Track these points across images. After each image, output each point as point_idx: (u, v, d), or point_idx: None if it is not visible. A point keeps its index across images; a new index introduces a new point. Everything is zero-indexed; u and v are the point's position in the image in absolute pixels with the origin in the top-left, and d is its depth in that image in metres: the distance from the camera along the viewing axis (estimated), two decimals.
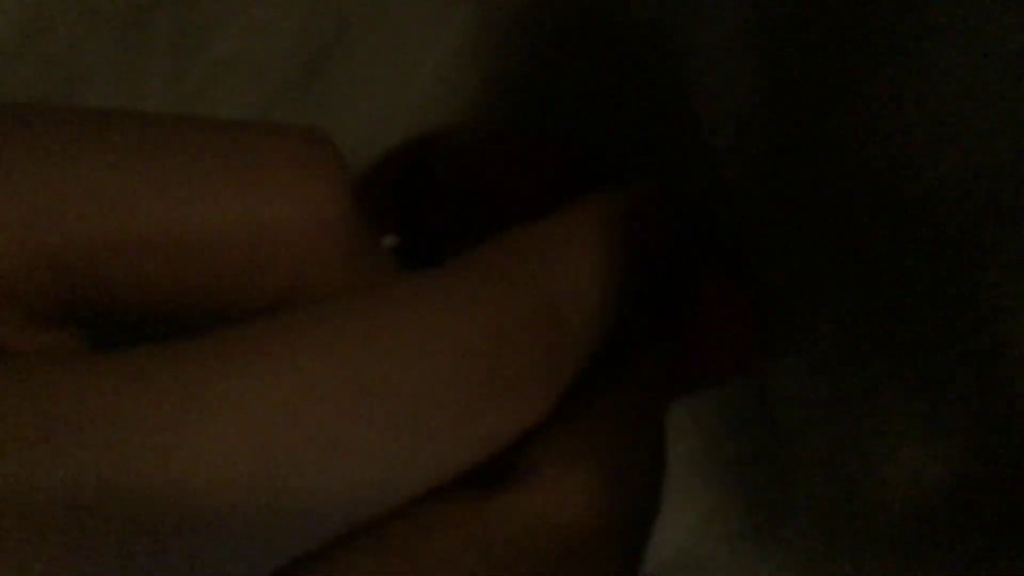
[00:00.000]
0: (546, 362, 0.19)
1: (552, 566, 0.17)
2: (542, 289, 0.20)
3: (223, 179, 0.17)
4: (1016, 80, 0.29)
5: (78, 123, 0.17)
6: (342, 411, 0.16)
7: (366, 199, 0.31)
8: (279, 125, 0.19)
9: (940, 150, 0.30)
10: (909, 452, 0.32)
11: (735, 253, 0.31)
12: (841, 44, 0.30)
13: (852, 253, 0.31)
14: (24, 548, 0.14)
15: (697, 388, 0.31)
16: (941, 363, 0.31)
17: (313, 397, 0.16)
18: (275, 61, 0.30)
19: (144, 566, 0.15)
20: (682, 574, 0.33)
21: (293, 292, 0.18)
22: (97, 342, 0.17)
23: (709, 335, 0.30)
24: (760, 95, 0.31)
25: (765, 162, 0.31)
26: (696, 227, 0.31)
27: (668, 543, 0.32)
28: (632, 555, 0.18)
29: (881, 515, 0.32)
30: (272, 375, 0.15)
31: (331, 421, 0.16)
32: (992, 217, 0.30)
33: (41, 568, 0.14)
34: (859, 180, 0.31)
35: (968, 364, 0.31)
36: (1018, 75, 0.29)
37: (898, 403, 0.32)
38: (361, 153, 0.31)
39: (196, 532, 0.15)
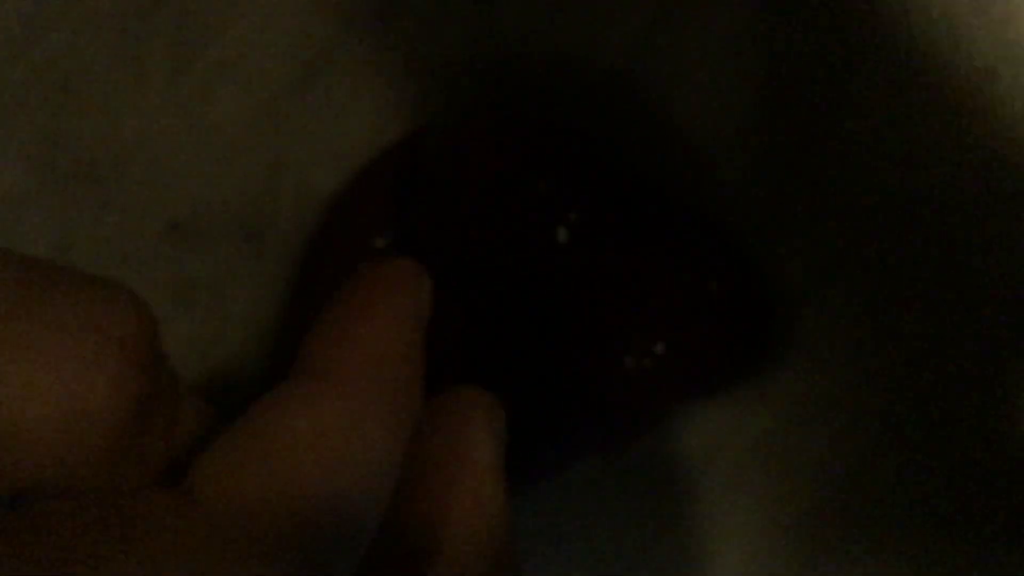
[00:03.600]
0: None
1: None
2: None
3: None
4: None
5: None
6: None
7: (363, 197, 0.31)
8: (77, 296, 0.18)
9: (941, 149, 0.30)
10: (904, 452, 0.32)
11: (737, 253, 0.31)
12: (841, 44, 0.30)
13: (852, 251, 0.31)
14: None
15: (698, 391, 0.31)
16: (940, 361, 0.31)
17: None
18: (275, 61, 0.30)
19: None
20: (682, 571, 0.33)
21: (43, 482, 0.18)
22: None
23: (710, 340, 0.30)
24: (759, 95, 0.31)
25: (765, 162, 0.31)
26: (699, 227, 0.31)
27: (669, 539, 0.32)
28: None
29: (877, 512, 0.32)
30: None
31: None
32: (993, 214, 0.30)
33: None
34: (859, 179, 0.31)
35: (968, 361, 0.31)
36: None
37: (895, 403, 0.32)
38: (361, 153, 0.31)
39: None
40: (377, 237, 0.30)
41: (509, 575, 0.23)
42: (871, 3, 0.30)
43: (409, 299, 0.22)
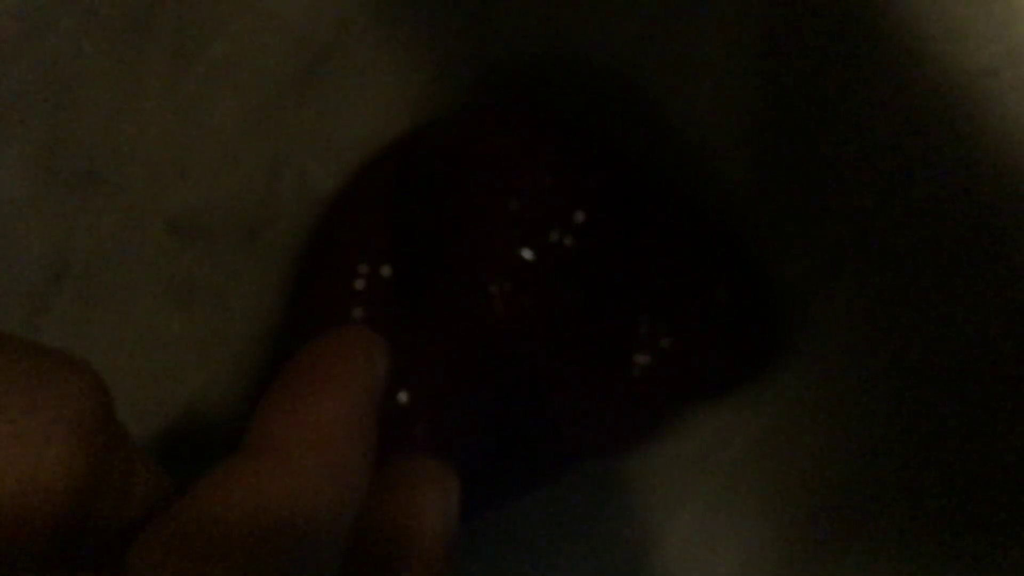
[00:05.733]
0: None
1: None
2: None
3: None
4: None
5: None
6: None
7: (363, 196, 0.31)
8: (36, 372, 0.18)
9: (941, 149, 0.30)
10: (904, 452, 0.32)
11: (744, 256, 0.31)
12: (842, 44, 0.30)
13: (852, 251, 0.31)
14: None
15: (703, 393, 0.31)
16: (940, 362, 0.31)
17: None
18: (275, 61, 0.30)
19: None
20: (682, 571, 0.33)
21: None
22: None
23: (717, 343, 0.30)
24: (759, 96, 0.31)
25: (765, 162, 0.31)
26: (705, 229, 0.31)
27: (669, 538, 0.32)
28: None
29: (876, 512, 0.32)
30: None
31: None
32: (994, 214, 0.30)
33: None
34: (859, 180, 0.31)
35: (969, 359, 0.31)
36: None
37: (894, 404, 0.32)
38: (361, 153, 0.31)
39: None
40: (377, 237, 0.30)
41: None
42: (871, 3, 0.30)
43: (362, 370, 0.22)
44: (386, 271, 0.30)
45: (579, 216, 0.29)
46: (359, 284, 0.30)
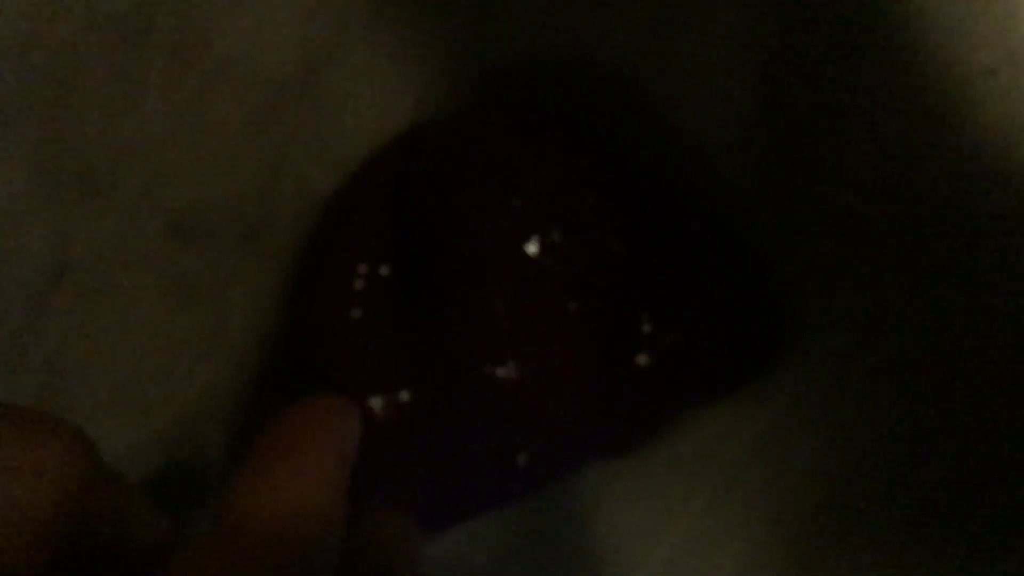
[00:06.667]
0: None
1: None
2: None
3: None
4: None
5: None
6: None
7: (363, 196, 0.31)
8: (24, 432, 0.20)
9: (942, 149, 0.30)
10: (904, 452, 0.32)
11: (747, 258, 0.31)
12: (842, 44, 0.30)
13: (852, 251, 0.31)
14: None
15: (705, 394, 0.31)
16: (940, 362, 0.31)
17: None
18: (275, 61, 0.30)
19: None
20: (681, 572, 0.33)
21: None
22: None
23: (720, 343, 0.30)
24: (760, 96, 0.31)
25: (765, 162, 0.31)
26: (708, 229, 0.31)
27: (667, 540, 0.32)
28: None
29: (874, 513, 0.32)
30: None
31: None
32: (994, 214, 0.30)
33: None
34: (859, 180, 0.31)
35: (966, 357, 0.31)
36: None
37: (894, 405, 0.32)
38: (361, 153, 0.31)
39: None
40: (376, 237, 0.30)
41: None
42: (871, 4, 0.30)
43: (335, 439, 0.23)
44: (385, 271, 0.30)
45: (579, 216, 0.29)
46: (358, 284, 0.30)
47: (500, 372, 0.29)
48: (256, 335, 0.31)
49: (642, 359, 0.30)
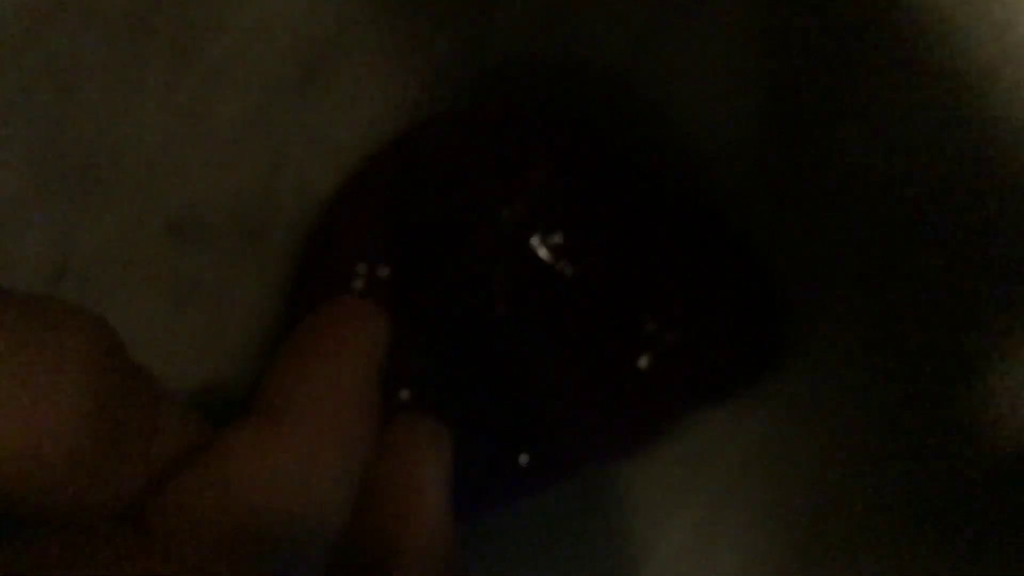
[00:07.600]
0: None
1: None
2: None
3: None
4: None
5: None
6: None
7: (363, 195, 0.31)
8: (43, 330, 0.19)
9: (942, 150, 0.30)
10: (904, 453, 0.32)
11: (742, 253, 0.31)
12: (842, 45, 0.30)
13: (852, 252, 0.31)
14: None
15: (707, 395, 0.31)
16: (940, 363, 0.31)
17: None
18: (275, 61, 0.30)
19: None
20: (683, 572, 0.33)
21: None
22: None
23: (722, 345, 0.30)
24: (760, 96, 0.31)
25: (765, 163, 0.31)
26: (711, 229, 0.31)
27: (668, 541, 0.32)
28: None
29: (875, 515, 0.32)
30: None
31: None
32: (995, 215, 0.30)
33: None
34: (859, 180, 0.31)
35: (964, 363, 0.31)
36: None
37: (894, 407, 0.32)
38: (361, 153, 0.31)
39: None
40: (376, 237, 0.30)
41: None
42: (871, 4, 0.30)
43: (365, 337, 0.23)
44: (384, 271, 0.30)
45: (580, 216, 0.29)
46: (358, 284, 0.30)
47: (500, 372, 0.29)
48: (256, 335, 0.31)
49: (643, 360, 0.30)
